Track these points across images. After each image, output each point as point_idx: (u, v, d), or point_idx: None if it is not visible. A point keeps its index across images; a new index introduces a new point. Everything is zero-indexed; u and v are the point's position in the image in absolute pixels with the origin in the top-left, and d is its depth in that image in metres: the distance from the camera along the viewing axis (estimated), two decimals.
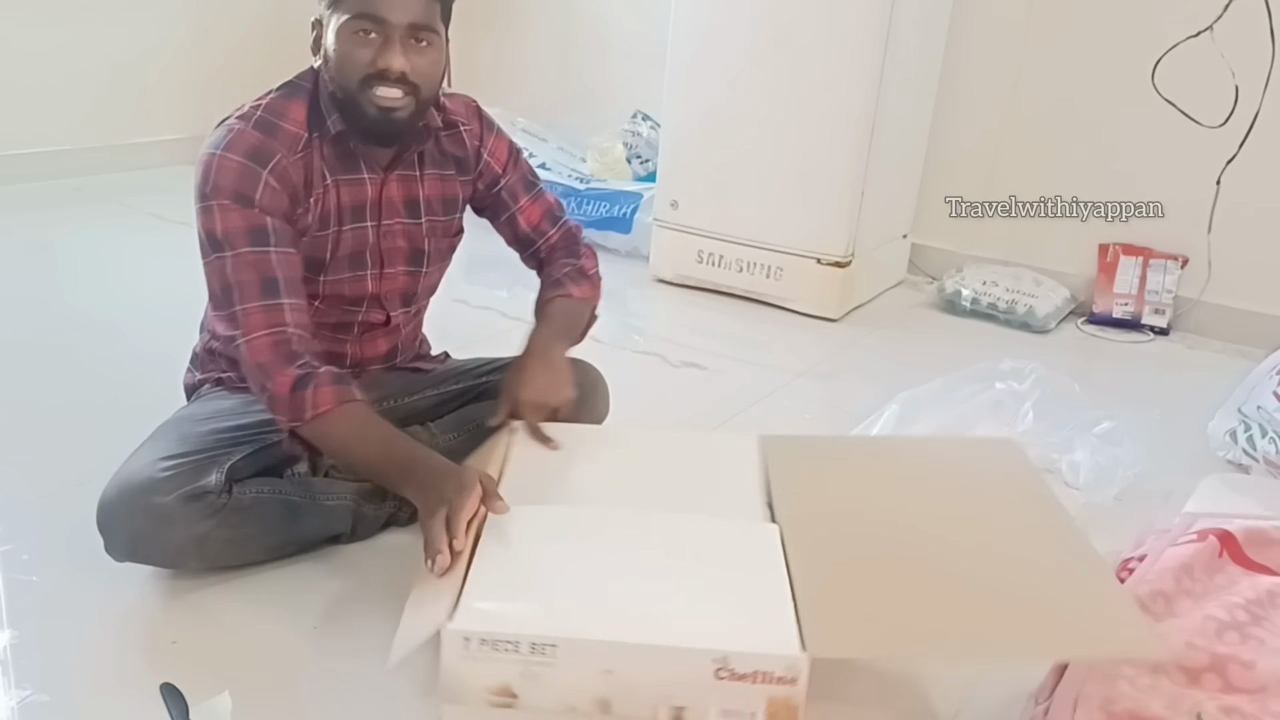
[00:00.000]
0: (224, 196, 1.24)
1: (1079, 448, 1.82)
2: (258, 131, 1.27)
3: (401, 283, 1.45)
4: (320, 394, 1.22)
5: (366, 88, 1.25)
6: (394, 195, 1.39)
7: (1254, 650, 1.16)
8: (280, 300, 1.25)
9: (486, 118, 1.51)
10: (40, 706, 1.11)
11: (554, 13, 3.35)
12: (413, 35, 1.25)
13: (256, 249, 1.25)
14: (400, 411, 1.50)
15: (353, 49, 1.25)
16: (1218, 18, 2.31)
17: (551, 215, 1.56)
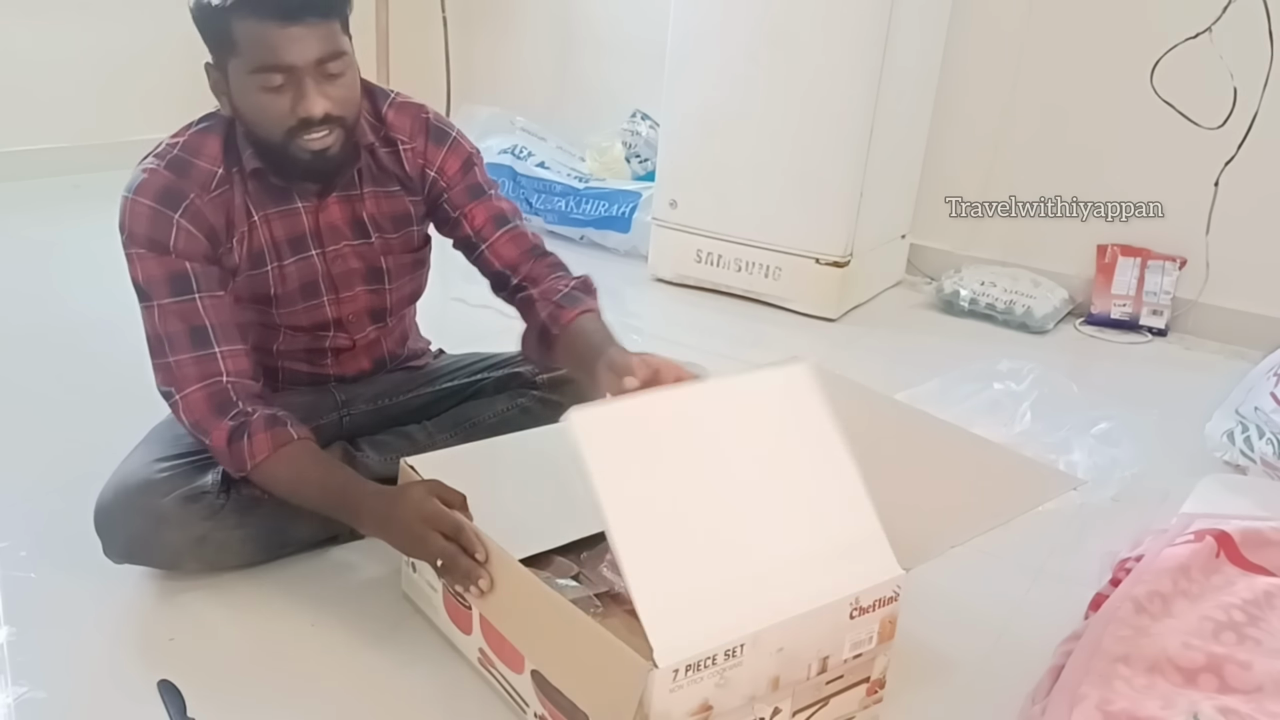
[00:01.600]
0: (139, 245, 1.21)
1: (1076, 448, 1.82)
2: (170, 172, 1.23)
3: (364, 302, 1.41)
4: (255, 442, 1.21)
5: (292, 138, 1.19)
6: (335, 219, 1.33)
7: (1250, 651, 1.16)
8: (213, 349, 1.23)
9: (435, 129, 1.38)
10: (38, 703, 1.11)
11: (553, 12, 3.35)
12: (323, 68, 1.17)
13: (180, 298, 1.22)
14: (394, 410, 1.49)
15: (266, 102, 1.17)
16: (1216, 19, 2.32)
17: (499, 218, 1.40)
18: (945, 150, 2.73)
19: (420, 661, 1.21)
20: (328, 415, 1.45)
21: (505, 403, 1.50)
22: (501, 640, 1.10)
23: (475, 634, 1.15)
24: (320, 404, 1.44)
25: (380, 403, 1.49)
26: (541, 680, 1.04)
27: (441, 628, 1.23)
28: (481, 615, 1.13)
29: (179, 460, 1.29)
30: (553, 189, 2.98)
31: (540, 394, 1.50)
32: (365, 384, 1.49)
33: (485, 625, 1.12)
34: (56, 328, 2.14)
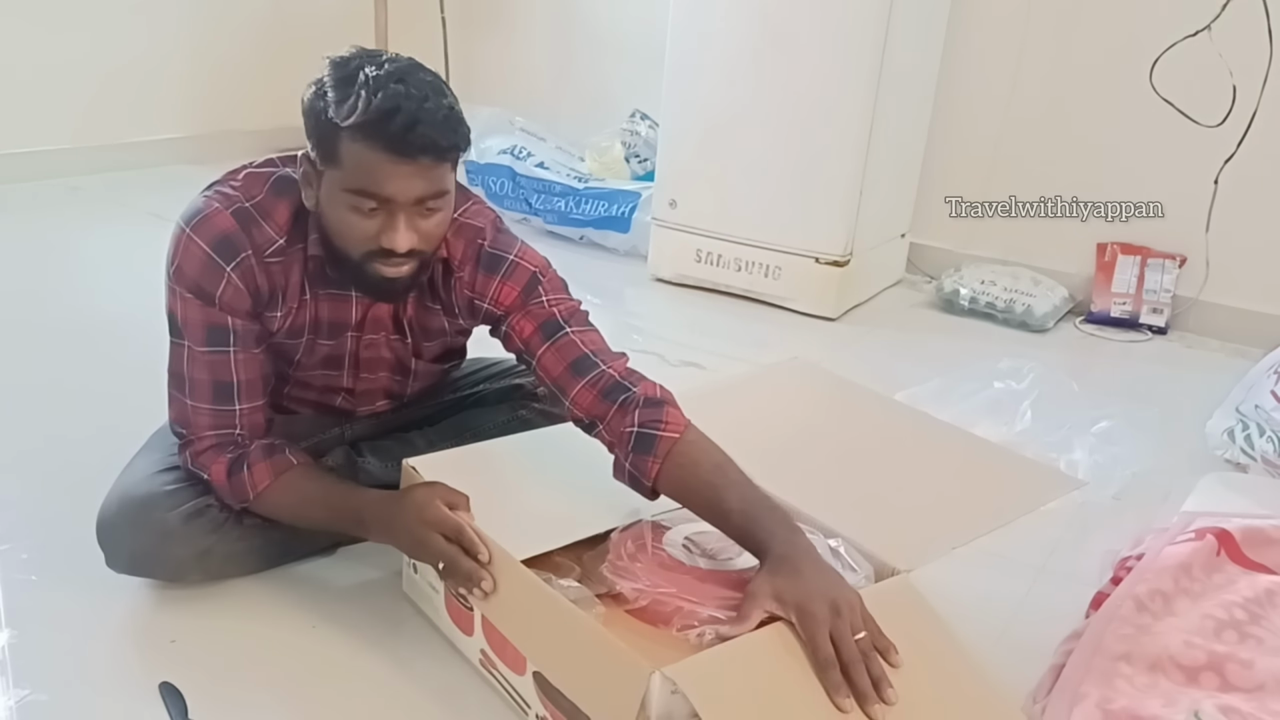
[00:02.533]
0: (185, 286, 1.18)
1: (1077, 447, 1.82)
2: (235, 220, 1.17)
3: (383, 385, 1.39)
4: (255, 472, 1.21)
5: (368, 261, 1.13)
6: (381, 313, 1.29)
7: (1252, 649, 1.16)
8: (233, 406, 1.22)
9: (489, 258, 1.24)
10: (39, 706, 1.11)
11: (552, 12, 3.35)
12: (421, 205, 1.11)
13: (215, 349, 1.20)
14: (395, 420, 1.49)
15: (354, 222, 1.11)
16: (1215, 17, 2.31)
17: (549, 326, 1.23)
18: (945, 149, 2.73)
19: (421, 662, 1.21)
20: (329, 431, 1.45)
21: (506, 413, 1.49)
22: (504, 641, 1.10)
23: (477, 635, 1.15)
24: (324, 421, 1.44)
25: (382, 417, 1.49)
26: (544, 682, 1.04)
27: (443, 629, 1.23)
28: (484, 616, 1.13)
29: (182, 472, 1.28)
30: (552, 189, 2.98)
31: (541, 406, 1.50)
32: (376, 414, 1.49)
33: (487, 626, 1.12)
34: (56, 330, 2.14)
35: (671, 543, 1.16)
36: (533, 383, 1.50)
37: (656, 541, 1.16)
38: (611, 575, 1.12)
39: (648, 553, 1.14)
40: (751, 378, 1.67)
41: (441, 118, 1.09)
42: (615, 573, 1.12)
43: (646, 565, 1.12)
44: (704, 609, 1.05)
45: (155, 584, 1.30)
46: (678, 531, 1.18)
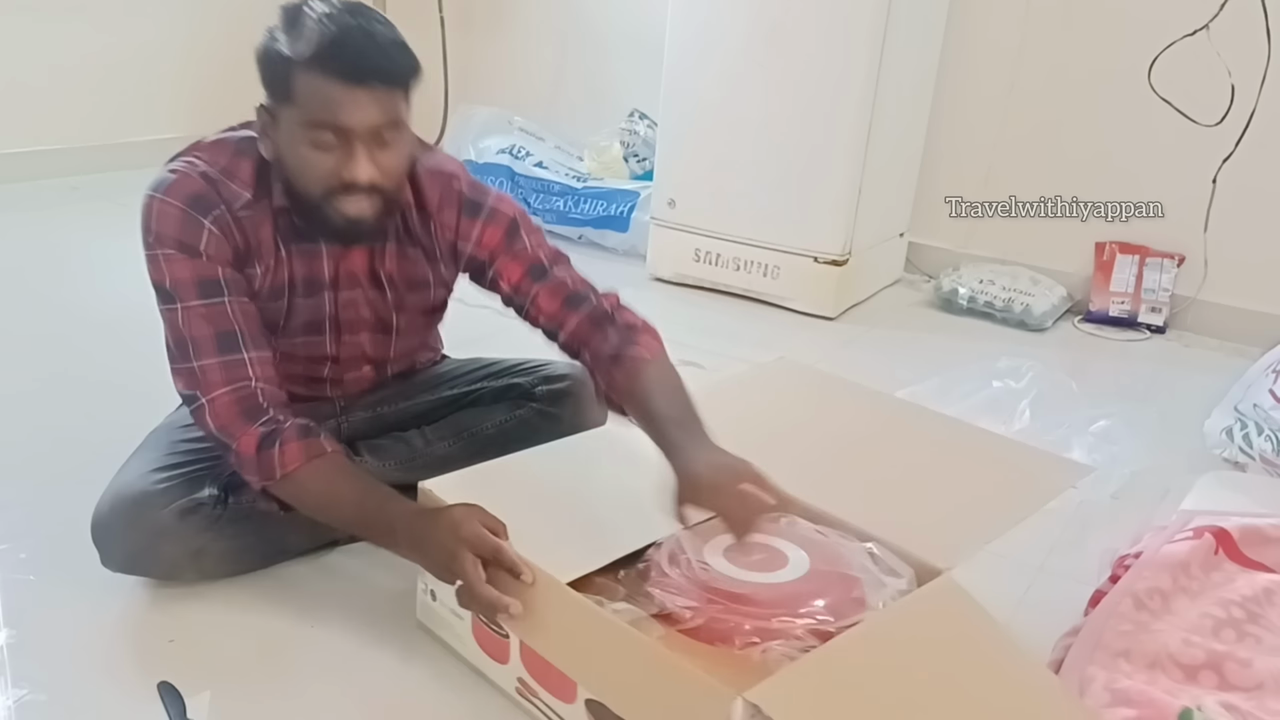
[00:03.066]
0: (167, 245, 1.17)
1: (1076, 446, 1.82)
2: (202, 180, 1.19)
3: (366, 348, 1.38)
4: (287, 451, 1.17)
5: (330, 199, 1.15)
6: (354, 267, 1.29)
7: (1251, 648, 1.17)
8: (241, 354, 1.19)
9: (468, 203, 1.29)
10: (38, 705, 1.11)
11: (551, 12, 3.35)
12: (378, 136, 1.13)
13: (209, 301, 1.19)
14: (392, 417, 1.49)
15: (313, 158, 1.13)
16: (1214, 16, 2.32)
17: (535, 269, 1.31)
18: (943, 148, 2.73)
19: (420, 660, 1.21)
20: (325, 422, 1.44)
21: (504, 413, 1.49)
22: (548, 669, 1.06)
23: (514, 663, 1.11)
24: (318, 410, 1.43)
25: (379, 410, 1.49)
26: (598, 709, 1.00)
27: (468, 657, 1.18)
28: (524, 645, 1.08)
29: (176, 471, 1.28)
30: (551, 189, 2.98)
31: (539, 406, 1.49)
32: (364, 392, 1.49)
33: (527, 653, 1.08)
34: (54, 330, 2.13)
35: (712, 554, 1.14)
36: (531, 382, 1.51)
37: (698, 556, 1.13)
38: (660, 594, 1.09)
39: (692, 568, 1.11)
40: (741, 380, 1.66)
41: (391, 43, 1.12)
42: (664, 591, 1.09)
43: (693, 581, 1.09)
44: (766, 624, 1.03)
45: (153, 584, 1.30)
46: (716, 544, 1.15)
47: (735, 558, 1.13)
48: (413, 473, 1.43)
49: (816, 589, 1.08)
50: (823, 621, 1.03)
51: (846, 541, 1.15)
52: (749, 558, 1.13)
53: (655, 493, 1.13)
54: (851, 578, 1.10)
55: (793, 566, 1.11)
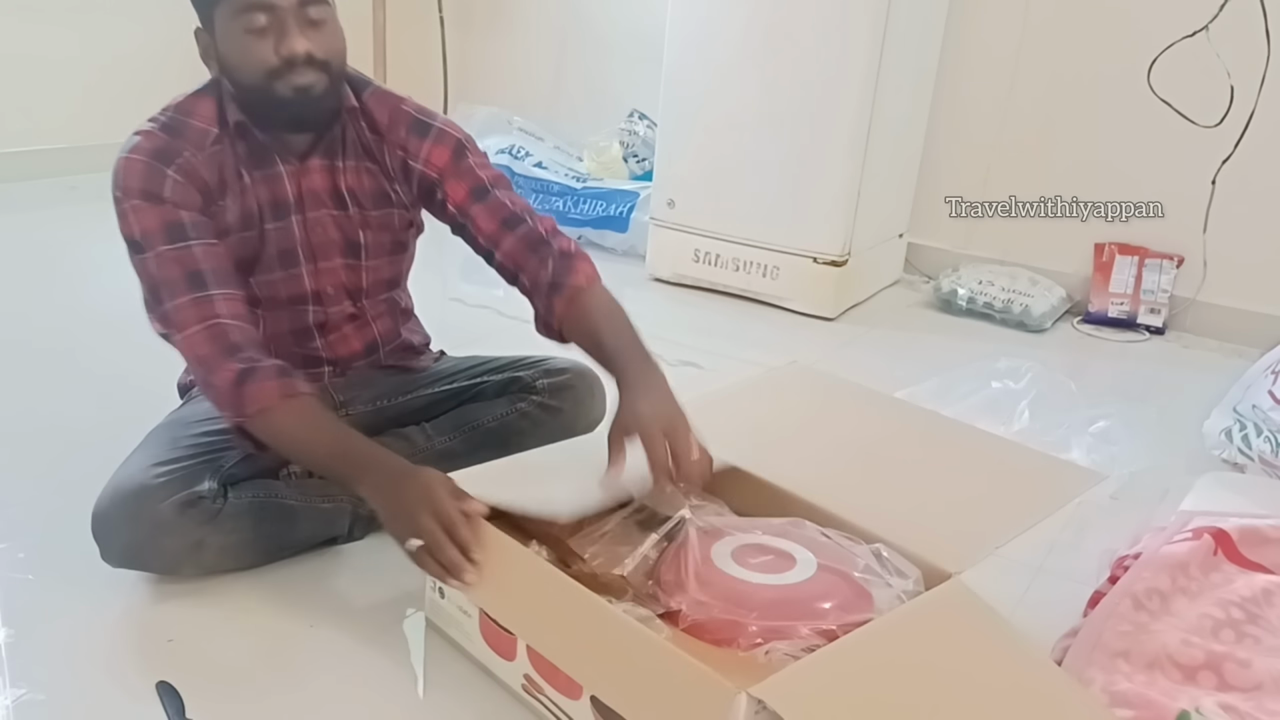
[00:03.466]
0: (133, 197, 1.23)
1: (1075, 446, 1.82)
2: (164, 134, 1.26)
3: (341, 276, 1.40)
4: (264, 388, 1.20)
5: (276, 79, 1.21)
6: (316, 185, 1.35)
7: (1250, 649, 1.16)
8: (209, 292, 1.23)
9: (416, 122, 1.36)
10: (36, 705, 1.11)
11: (551, 11, 3.35)
12: (305, 12, 1.21)
13: (176, 245, 1.23)
14: (392, 411, 1.49)
15: (250, 43, 1.20)
16: (1213, 17, 2.32)
17: (478, 190, 1.36)
18: (943, 149, 2.73)
19: (426, 654, 1.20)
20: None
21: (505, 407, 1.49)
22: (555, 666, 1.06)
23: (520, 660, 1.11)
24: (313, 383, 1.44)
25: (379, 404, 1.49)
26: (603, 706, 1.00)
27: (475, 654, 1.18)
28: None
29: (175, 465, 1.28)
30: (550, 189, 2.98)
31: (540, 399, 1.50)
32: (363, 385, 1.49)
33: (534, 650, 1.08)
34: (53, 329, 2.13)
35: (720, 555, 1.14)
36: (532, 375, 1.51)
37: (705, 554, 1.13)
38: (664, 594, 1.09)
39: (699, 567, 1.11)
40: (753, 384, 1.66)
41: None
42: (667, 590, 1.09)
43: (700, 581, 1.10)
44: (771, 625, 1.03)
45: (153, 583, 1.30)
46: (725, 544, 1.15)
47: (743, 558, 1.13)
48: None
49: (823, 590, 1.08)
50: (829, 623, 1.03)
51: (853, 543, 1.15)
52: (756, 559, 1.13)
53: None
54: (858, 579, 1.09)
55: (800, 568, 1.11)
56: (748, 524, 1.21)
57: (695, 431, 1.14)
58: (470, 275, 2.52)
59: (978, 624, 1.04)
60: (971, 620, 1.04)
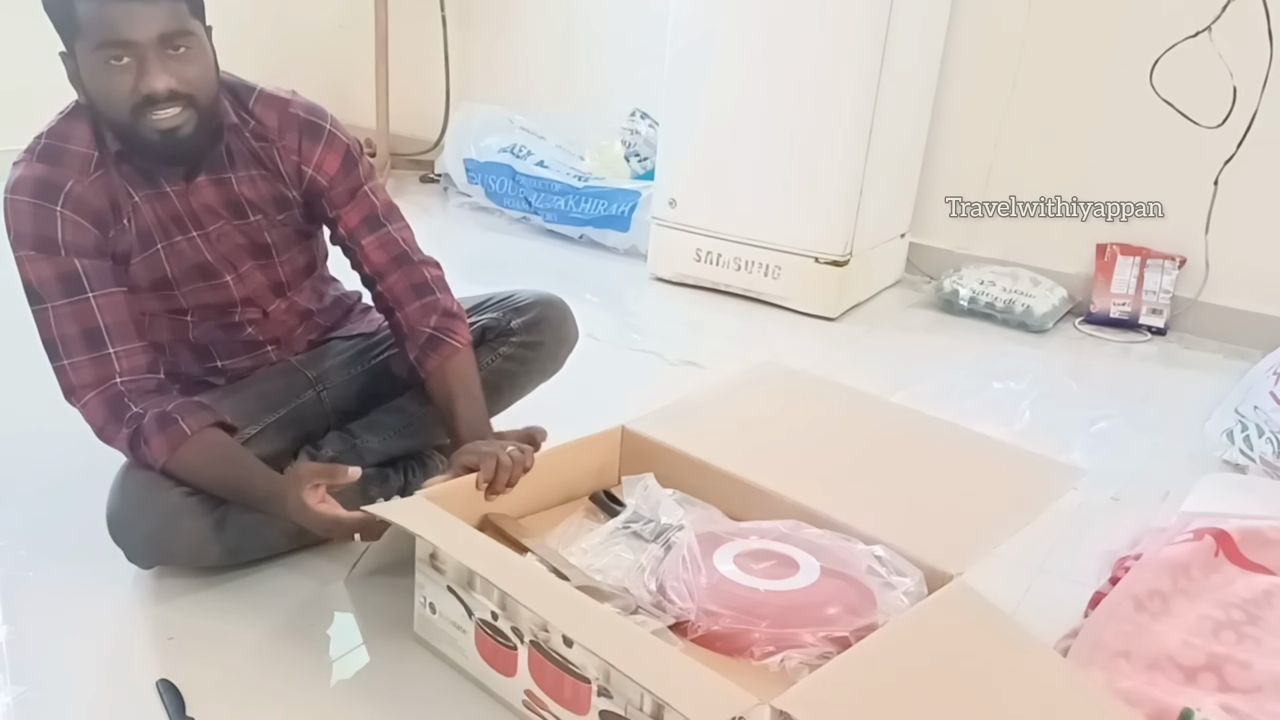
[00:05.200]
0: (27, 246, 1.20)
1: (1076, 447, 1.83)
2: (42, 163, 1.21)
3: (260, 277, 1.38)
4: (152, 446, 1.22)
5: (139, 116, 1.16)
6: (208, 200, 1.30)
7: (1250, 650, 1.16)
8: (107, 349, 1.22)
9: (308, 125, 1.34)
10: (36, 703, 1.11)
11: (552, 10, 3.34)
12: (167, 46, 1.15)
13: (73, 299, 1.21)
14: (368, 377, 1.49)
15: (109, 80, 1.15)
16: (1216, 18, 2.31)
17: (372, 220, 1.39)
18: (945, 149, 2.73)
19: (420, 657, 1.20)
20: (304, 393, 1.45)
21: (487, 355, 1.48)
22: (560, 680, 1.03)
23: (521, 675, 1.08)
24: (292, 383, 1.44)
25: (352, 371, 1.49)
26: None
27: (470, 671, 1.16)
28: (532, 654, 1.06)
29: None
30: (552, 188, 2.98)
31: (520, 339, 1.51)
32: (330, 356, 1.49)
33: (535, 665, 1.06)
34: None
35: (722, 562, 1.13)
36: (504, 317, 1.51)
37: (708, 563, 1.13)
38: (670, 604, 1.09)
39: (704, 576, 1.11)
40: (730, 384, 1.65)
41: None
42: (674, 601, 1.09)
43: (707, 590, 1.09)
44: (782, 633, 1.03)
45: (153, 581, 1.30)
46: (726, 551, 1.15)
47: (745, 565, 1.13)
48: (414, 436, 1.46)
49: (829, 595, 1.08)
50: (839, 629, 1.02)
51: (852, 545, 1.14)
52: (759, 565, 1.13)
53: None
54: (861, 581, 1.09)
55: (803, 573, 1.11)
56: (745, 529, 1.21)
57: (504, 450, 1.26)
58: (472, 276, 2.52)
59: (988, 624, 1.04)
60: (981, 621, 1.04)
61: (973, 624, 1.03)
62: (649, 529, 1.21)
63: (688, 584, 1.10)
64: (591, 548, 1.20)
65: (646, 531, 1.21)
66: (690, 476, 1.32)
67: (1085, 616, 1.26)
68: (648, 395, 2.00)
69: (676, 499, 1.28)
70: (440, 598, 1.16)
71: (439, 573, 1.15)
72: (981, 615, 1.05)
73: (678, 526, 1.20)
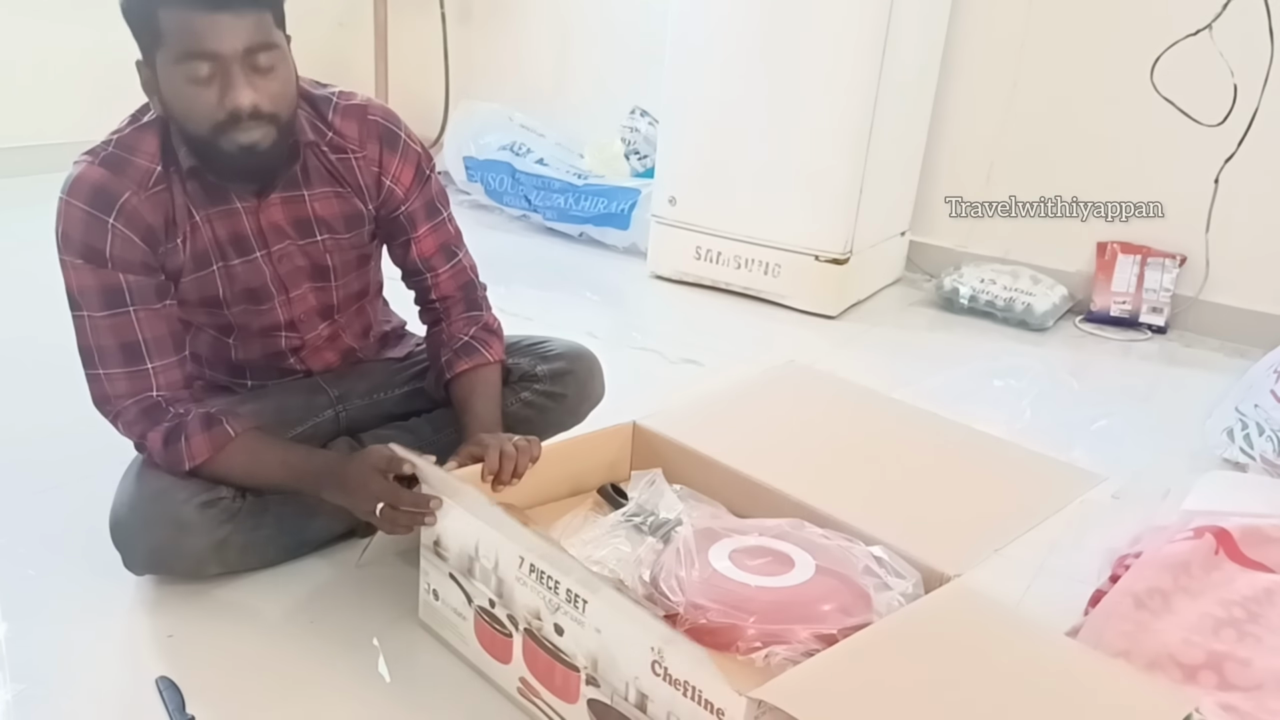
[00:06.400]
0: (74, 253, 1.18)
1: (1077, 445, 1.83)
2: (104, 169, 1.19)
3: (312, 301, 1.38)
4: (193, 444, 1.22)
5: (220, 132, 1.14)
6: (278, 219, 1.29)
7: (1251, 648, 1.16)
8: (145, 365, 1.22)
9: (387, 134, 1.33)
10: (36, 700, 1.11)
11: (553, 7, 3.34)
12: (253, 59, 1.12)
13: (114, 312, 1.20)
14: (389, 404, 1.49)
15: (193, 94, 1.13)
16: (1216, 16, 2.31)
17: (447, 249, 1.42)
18: (945, 147, 2.73)
19: (420, 656, 1.20)
20: (322, 412, 1.44)
21: (509, 397, 1.47)
22: (550, 668, 1.05)
23: (516, 663, 1.10)
24: (313, 402, 1.44)
25: (375, 396, 1.48)
26: (600, 709, 1.00)
27: (470, 657, 1.18)
28: (526, 642, 1.07)
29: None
30: (551, 185, 2.97)
31: (543, 387, 1.49)
32: (356, 378, 1.48)
33: (530, 653, 1.08)
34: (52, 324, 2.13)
35: (717, 557, 1.13)
36: (530, 362, 1.50)
37: (702, 557, 1.13)
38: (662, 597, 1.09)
39: (696, 570, 1.11)
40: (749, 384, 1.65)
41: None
42: (665, 594, 1.09)
43: (697, 584, 1.09)
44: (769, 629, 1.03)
45: (153, 578, 1.30)
46: (722, 546, 1.15)
47: (740, 561, 1.13)
48: None
49: (822, 593, 1.08)
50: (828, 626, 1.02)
51: (853, 545, 1.14)
52: (754, 561, 1.13)
53: None
54: (857, 581, 1.09)
55: (798, 570, 1.11)
56: (746, 525, 1.21)
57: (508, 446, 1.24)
58: None
59: (982, 619, 1.04)
60: (975, 616, 1.04)
61: (968, 619, 1.02)
62: (649, 523, 1.21)
63: (680, 578, 1.10)
64: (592, 539, 1.20)
65: (647, 525, 1.21)
66: (698, 473, 1.32)
67: (1085, 614, 1.26)
68: (647, 393, 2.00)
69: (680, 494, 1.28)
70: (443, 584, 1.17)
71: (442, 560, 1.16)
72: (976, 613, 1.05)
73: (676, 521, 1.20)
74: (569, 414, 1.51)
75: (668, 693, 0.93)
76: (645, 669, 0.94)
